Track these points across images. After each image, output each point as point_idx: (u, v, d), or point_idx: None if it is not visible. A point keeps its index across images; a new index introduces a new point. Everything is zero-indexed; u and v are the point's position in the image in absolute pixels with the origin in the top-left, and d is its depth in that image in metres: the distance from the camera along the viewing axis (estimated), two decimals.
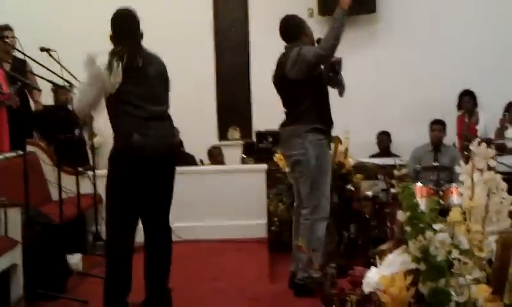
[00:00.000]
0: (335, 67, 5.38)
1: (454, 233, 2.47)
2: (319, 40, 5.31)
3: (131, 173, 4.34)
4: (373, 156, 8.71)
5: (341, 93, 5.44)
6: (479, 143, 2.65)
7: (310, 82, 5.14)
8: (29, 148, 5.81)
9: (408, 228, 2.50)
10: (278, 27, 5.38)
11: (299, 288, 5.19)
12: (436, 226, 2.41)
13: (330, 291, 2.66)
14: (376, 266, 2.66)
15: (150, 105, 4.41)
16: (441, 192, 6.07)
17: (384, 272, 2.52)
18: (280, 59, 5.32)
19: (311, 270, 5.06)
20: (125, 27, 4.52)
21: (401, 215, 2.53)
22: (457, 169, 2.69)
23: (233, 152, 8.79)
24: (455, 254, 2.45)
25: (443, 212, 2.60)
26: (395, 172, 5.67)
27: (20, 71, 6.62)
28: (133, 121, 4.34)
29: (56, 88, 6.29)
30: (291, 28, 5.33)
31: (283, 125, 5.36)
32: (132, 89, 4.35)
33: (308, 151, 5.12)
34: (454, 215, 2.56)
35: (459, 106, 8.81)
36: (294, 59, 5.10)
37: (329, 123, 5.30)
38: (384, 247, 2.77)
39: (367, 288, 2.55)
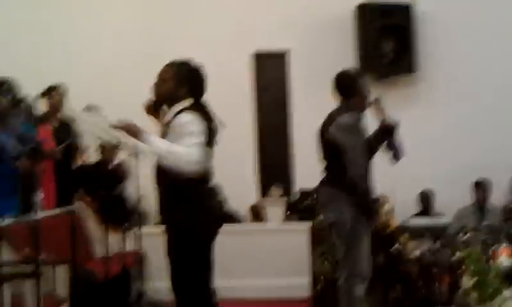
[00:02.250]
0: (391, 131, 5.26)
1: None
2: (376, 101, 5.25)
3: (217, 232, 4.28)
4: (415, 215, 8.60)
5: (396, 158, 5.29)
6: None
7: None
8: (75, 205, 5.83)
9: (474, 294, 2.43)
10: (333, 82, 5.23)
11: None
12: (507, 293, 2.34)
13: None
14: None
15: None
16: (490, 253, 5.96)
17: None
18: (329, 115, 5.19)
19: None
20: (201, 83, 4.28)
21: (467, 281, 2.47)
22: None
23: (274, 210, 8.73)
24: None
25: None
26: (460, 236, 5.56)
27: (67, 129, 6.70)
28: (209, 185, 4.27)
29: (103, 145, 6.35)
30: (343, 87, 5.17)
31: (321, 183, 5.24)
32: (208, 152, 4.22)
33: (343, 214, 4.99)
34: None
35: None
36: (337, 131, 5.02)
37: (366, 189, 5.13)
38: None
39: None
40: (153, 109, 4.27)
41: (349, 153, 4.94)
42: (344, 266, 5.10)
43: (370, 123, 5.32)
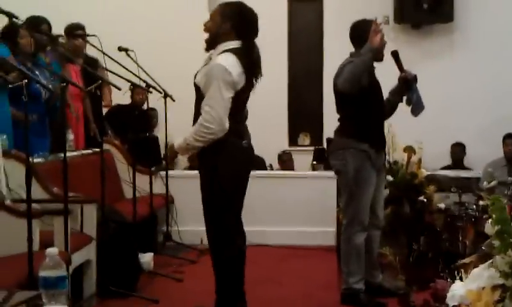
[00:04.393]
0: (409, 84, 5.20)
1: None
2: (395, 53, 5.19)
3: (244, 175, 4.39)
4: (445, 167, 8.55)
5: (414, 112, 5.23)
6: None
7: (354, 97, 4.95)
8: (104, 146, 5.89)
9: (496, 242, 2.42)
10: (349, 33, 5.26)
11: (342, 297, 5.21)
12: None
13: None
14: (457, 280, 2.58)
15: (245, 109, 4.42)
16: None
17: (470, 287, 2.44)
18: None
19: (350, 281, 5.11)
20: (247, 21, 4.38)
21: (489, 229, 2.45)
22: None
23: (303, 158, 8.75)
24: None
25: None
26: (485, 184, 5.53)
27: (92, 68, 6.67)
28: (241, 126, 4.36)
29: (133, 88, 6.35)
30: (355, 37, 5.15)
31: (334, 133, 5.33)
32: (248, 91, 4.35)
33: (347, 162, 5.05)
34: None
35: None
36: (339, 72, 5.04)
37: (376, 141, 5.15)
38: (468, 260, 2.69)
39: (451, 302, 2.47)
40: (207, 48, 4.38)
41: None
42: (345, 214, 5.22)
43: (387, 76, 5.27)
